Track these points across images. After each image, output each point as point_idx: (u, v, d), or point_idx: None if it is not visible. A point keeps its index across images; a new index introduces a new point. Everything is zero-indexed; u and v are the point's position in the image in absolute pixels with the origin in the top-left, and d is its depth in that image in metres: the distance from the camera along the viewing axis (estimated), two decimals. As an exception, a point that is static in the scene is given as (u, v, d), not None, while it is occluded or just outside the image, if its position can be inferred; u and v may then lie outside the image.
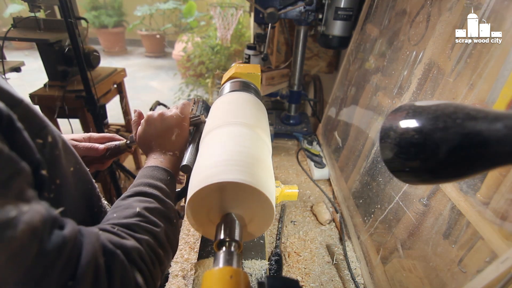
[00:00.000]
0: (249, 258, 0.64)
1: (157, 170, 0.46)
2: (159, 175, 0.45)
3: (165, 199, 0.42)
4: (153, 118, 0.52)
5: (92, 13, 4.95)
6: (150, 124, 0.52)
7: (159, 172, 0.46)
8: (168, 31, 5.17)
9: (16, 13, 3.70)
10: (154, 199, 0.40)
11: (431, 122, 0.22)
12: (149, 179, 0.44)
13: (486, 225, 0.40)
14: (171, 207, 0.42)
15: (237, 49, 3.38)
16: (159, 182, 0.44)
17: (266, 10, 0.98)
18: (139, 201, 0.39)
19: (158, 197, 0.41)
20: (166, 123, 0.52)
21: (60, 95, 1.53)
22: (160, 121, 0.52)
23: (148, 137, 0.52)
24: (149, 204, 0.39)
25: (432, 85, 0.58)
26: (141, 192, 0.41)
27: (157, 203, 0.40)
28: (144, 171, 0.46)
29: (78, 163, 0.39)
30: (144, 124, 0.53)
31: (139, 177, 0.45)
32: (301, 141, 1.14)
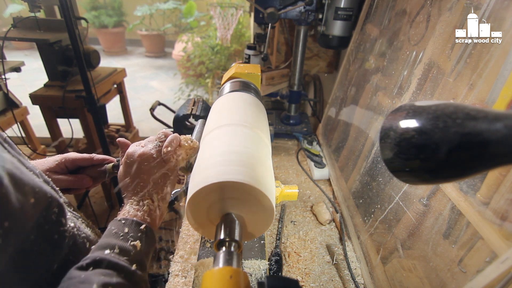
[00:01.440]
0: (249, 258, 0.64)
1: (129, 225, 0.39)
2: (130, 233, 0.38)
3: (132, 271, 0.35)
4: (132, 159, 0.45)
5: (92, 13, 4.95)
6: (128, 164, 0.45)
7: (131, 228, 0.39)
8: (168, 31, 5.17)
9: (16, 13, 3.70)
10: (118, 271, 0.34)
11: (431, 122, 0.22)
12: (118, 239, 0.37)
13: (486, 225, 0.40)
14: (140, 280, 0.36)
15: (237, 49, 3.38)
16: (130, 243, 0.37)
17: (266, 10, 0.98)
18: (98, 274, 0.32)
19: (123, 269, 0.35)
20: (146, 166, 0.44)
21: (60, 95, 1.53)
22: (139, 163, 0.45)
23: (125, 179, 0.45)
24: (110, 279, 0.32)
25: (432, 85, 0.58)
26: (104, 260, 0.34)
27: (121, 278, 0.34)
28: (115, 226, 0.39)
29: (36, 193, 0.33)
30: (123, 163, 0.46)
31: (107, 234, 0.39)
32: (301, 141, 1.14)
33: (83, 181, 0.55)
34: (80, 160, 0.55)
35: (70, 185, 0.54)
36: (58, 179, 0.52)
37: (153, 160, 0.45)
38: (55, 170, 0.53)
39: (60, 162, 0.53)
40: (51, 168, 0.53)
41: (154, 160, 0.45)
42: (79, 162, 0.55)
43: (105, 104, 1.54)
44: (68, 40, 1.23)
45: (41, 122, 1.70)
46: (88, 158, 0.56)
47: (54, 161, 0.53)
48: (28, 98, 1.57)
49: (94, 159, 0.56)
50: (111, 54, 5.43)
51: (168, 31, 5.18)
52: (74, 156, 0.55)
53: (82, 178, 0.55)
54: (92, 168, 0.57)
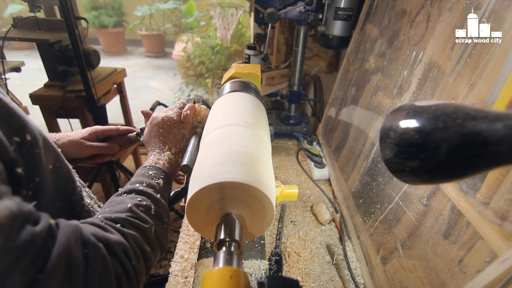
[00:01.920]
0: (249, 258, 0.64)
1: (154, 169, 0.48)
2: (154, 174, 0.47)
3: (158, 198, 0.43)
4: (156, 120, 0.55)
5: (92, 13, 4.95)
6: (153, 125, 0.55)
7: (155, 171, 0.48)
8: (168, 31, 5.17)
9: (16, 13, 3.70)
10: (147, 197, 0.42)
11: (431, 122, 0.22)
12: (145, 177, 0.46)
13: (486, 225, 0.40)
14: (163, 206, 0.44)
15: (237, 49, 3.38)
16: (154, 181, 0.46)
17: (266, 10, 0.98)
18: (132, 198, 0.41)
19: (151, 195, 0.43)
20: (168, 125, 0.55)
21: (60, 95, 1.53)
22: (162, 123, 0.55)
23: (150, 137, 0.55)
24: (141, 201, 0.41)
25: (432, 85, 0.58)
26: (135, 189, 0.42)
27: (149, 201, 0.42)
28: (142, 170, 0.48)
29: (58, 161, 0.39)
30: (148, 124, 0.56)
31: (136, 175, 0.47)
32: (301, 141, 1.14)
33: (112, 147, 0.64)
34: (108, 130, 0.64)
35: (101, 150, 0.62)
36: (91, 145, 0.61)
37: (174, 121, 0.55)
38: (88, 138, 0.61)
39: (92, 132, 0.62)
40: (84, 137, 0.61)
41: (175, 122, 0.55)
42: (108, 132, 0.64)
43: (105, 104, 1.54)
44: (68, 40, 1.23)
45: (41, 122, 1.70)
46: (115, 129, 0.65)
47: (86, 132, 0.62)
48: (28, 98, 1.57)
49: (120, 129, 0.66)
50: (111, 54, 5.43)
51: (168, 31, 5.18)
52: (102, 128, 0.64)
53: (112, 145, 0.64)
54: (118, 137, 0.66)
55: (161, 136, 0.54)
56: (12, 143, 0.30)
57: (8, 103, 0.32)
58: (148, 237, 0.39)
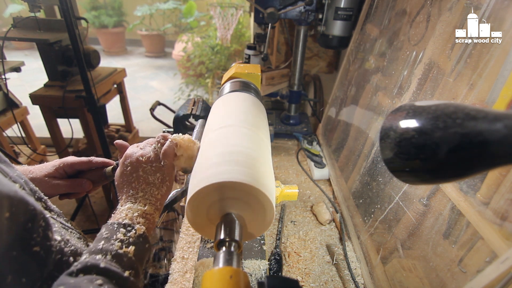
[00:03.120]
0: (249, 258, 0.64)
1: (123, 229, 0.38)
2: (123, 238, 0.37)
3: (125, 277, 0.34)
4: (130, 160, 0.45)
5: (92, 13, 4.95)
6: (126, 166, 0.45)
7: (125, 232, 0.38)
8: (168, 31, 5.17)
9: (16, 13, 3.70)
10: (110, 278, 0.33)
11: (431, 122, 0.22)
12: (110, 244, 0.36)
13: (486, 225, 0.40)
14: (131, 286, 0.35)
15: (237, 49, 3.38)
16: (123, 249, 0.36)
17: (266, 10, 0.98)
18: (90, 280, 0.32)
19: (115, 275, 0.33)
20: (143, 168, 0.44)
21: (60, 95, 1.53)
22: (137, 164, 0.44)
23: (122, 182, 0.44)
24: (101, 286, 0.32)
25: (432, 85, 0.58)
26: (95, 266, 0.33)
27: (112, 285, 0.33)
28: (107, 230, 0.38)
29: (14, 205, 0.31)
30: (121, 164, 0.46)
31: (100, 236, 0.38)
32: (301, 141, 1.14)
33: (82, 185, 0.54)
34: (78, 164, 0.55)
35: (69, 189, 0.53)
36: (57, 184, 0.52)
37: (150, 163, 0.44)
38: (53, 175, 0.53)
39: (59, 167, 0.53)
40: (49, 174, 0.52)
41: (151, 163, 0.44)
42: (78, 166, 0.55)
43: (105, 104, 1.54)
44: (68, 40, 1.23)
45: (41, 122, 1.70)
46: (86, 161, 0.55)
47: (53, 166, 0.53)
48: (28, 98, 1.57)
49: (92, 162, 0.56)
50: (111, 54, 5.43)
51: (168, 31, 5.18)
52: (72, 160, 0.54)
53: (82, 182, 0.54)
54: (91, 172, 0.56)
55: (135, 181, 0.43)
56: None
57: None
58: None
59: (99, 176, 0.56)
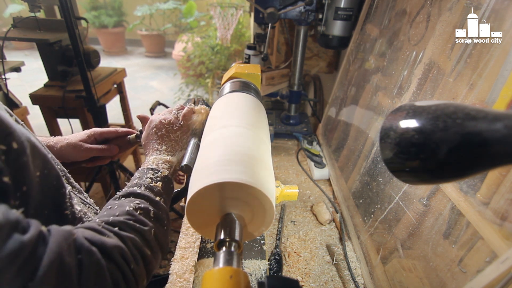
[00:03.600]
0: (249, 258, 0.64)
1: (152, 172, 0.47)
2: (153, 177, 0.46)
3: (156, 200, 0.43)
4: (154, 123, 0.54)
5: (92, 13, 4.95)
6: (151, 128, 0.54)
7: (153, 174, 0.47)
8: (168, 31, 5.17)
9: (16, 13, 3.70)
10: (146, 199, 0.42)
11: (431, 122, 0.22)
12: (143, 180, 0.45)
13: (486, 225, 0.40)
14: (162, 208, 0.43)
15: (237, 49, 3.38)
16: (153, 183, 0.45)
17: (266, 10, 0.98)
18: (130, 201, 0.40)
19: (149, 198, 0.42)
20: (166, 128, 0.54)
21: (60, 95, 1.53)
22: (160, 126, 0.54)
23: (148, 140, 0.54)
24: (139, 204, 0.40)
25: (432, 85, 0.58)
26: (133, 192, 0.42)
27: (148, 204, 0.41)
28: (139, 173, 0.47)
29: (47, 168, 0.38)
30: (146, 127, 0.56)
31: (134, 178, 0.46)
32: (301, 141, 1.14)
33: (111, 149, 0.63)
34: (107, 132, 0.64)
35: (100, 153, 0.62)
36: (90, 148, 0.60)
37: (172, 123, 0.54)
38: (86, 141, 0.61)
39: (90, 134, 0.62)
40: (83, 140, 0.61)
41: (172, 124, 0.54)
42: (106, 134, 0.64)
43: (105, 104, 1.54)
44: (68, 40, 1.23)
45: (41, 122, 1.70)
46: (113, 131, 0.65)
47: (85, 134, 0.62)
48: (28, 98, 1.57)
49: (119, 131, 0.65)
50: (111, 54, 5.43)
51: (168, 31, 5.18)
52: (101, 130, 0.64)
53: (110, 147, 0.63)
54: (117, 139, 0.66)
55: (159, 138, 0.53)
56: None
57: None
58: (148, 240, 0.38)
59: (124, 142, 0.66)
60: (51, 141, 0.60)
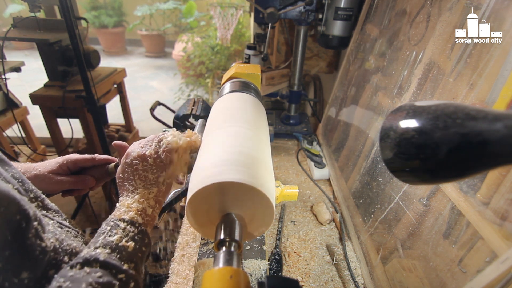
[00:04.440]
0: (249, 258, 0.64)
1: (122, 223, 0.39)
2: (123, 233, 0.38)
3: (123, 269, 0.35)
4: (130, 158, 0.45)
5: (92, 13, 4.95)
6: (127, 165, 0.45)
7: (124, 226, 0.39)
8: (168, 31, 5.17)
9: (16, 13, 3.70)
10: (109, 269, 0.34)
11: (431, 122, 0.22)
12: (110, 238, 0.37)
13: (486, 225, 0.40)
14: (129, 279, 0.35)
15: (237, 49, 3.38)
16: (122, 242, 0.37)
17: (266, 10, 0.98)
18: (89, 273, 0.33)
19: (114, 266, 0.34)
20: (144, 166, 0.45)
21: (60, 95, 1.53)
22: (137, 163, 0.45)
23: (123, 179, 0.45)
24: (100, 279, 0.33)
25: (432, 85, 0.58)
26: (95, 259, 0.34)
27: (111, 275, 0.34)
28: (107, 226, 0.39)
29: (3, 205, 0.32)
30: (122, 162, 0.47)
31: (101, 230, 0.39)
32: (301, 141, 1.14)
33: (86, 182, 0.55)
34: (82, 160, 0.55)
35: (73, 186, 0.54)
36: (61, 180, 0.53)
37: (151, 161, 0.44)
38: (57, 171, 0.53)
39: (62, 163, 0.54)
40: (53, 170, 0.53)
41: (153, 161, 0.44)
42: (81, 163, 0.55)
43: (105, 104, 1.54)
44: (68, 40, 1.23)
45: (41, 122, 1.70)
46: (90, 158, 0.56)
47: (56, 163, 0.54)
48: (28, 98, 1.57)
49: (96, 159, 0.56)
50: (111, 54, 5.43)
51: (168, 31, 5.17)
52: (76, 157, 0.55)
53: (85, 179, 0.55)
54: (94, 169, 0.57)
55: (136, 179, 0.44)
56: None
57: None
58: None
59: (102, 173, 0.57)
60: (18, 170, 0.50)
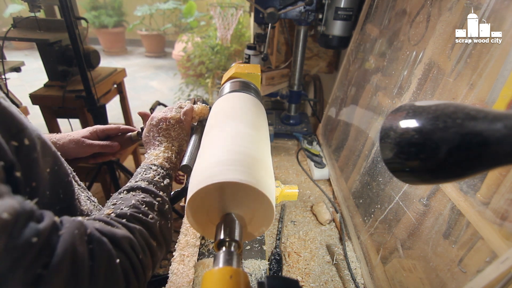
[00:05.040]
0: (249, 258, 0.64)
1: (154, 168, 0.48)
2: (155, 173, 0.48)
3: (160, 194, 0.44)
4: (155, 120, 0.55)
5: (92, 13, 4.95)
6: (152, 125, 0.55)
7: (155, 170, 0.48)
8: (168, 31, 5.17)
9: (16, 13, 3.70)
10: (149, 194, 0.43)
11: (431, 122, 0.22)
12: (145, 175, 0.46)
13: (486, 225, 0.40)
14: (165, 201, 0.44)
15: (237, 49, 3.38)
16: (155, 179, 0.46)
17: (266, 10, 0.98)
18: (134, 195, 0.42)
19: (153, 192, 0.43)
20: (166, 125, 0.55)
21: (60, 95, 1.53)
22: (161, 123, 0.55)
23: (149, 137, 0.55)
24: (144, 198, 0.41)
25: (432, 85, 0.58)
26: (137, 187, 0.43)
27: (152, 198, 0.42)
28: (142, 169, 0.48)
29: (57, 165, 0.39)
30: (147, 124, 0.56)
31: (137, 173, 0.48)
32: (301, 141, 1.14)
33: (112, 146, 0.63)
34: (109, 129, 0.65)
35: (102, 149, 0.62)
36: (92, 144, 0.61)
37: (172, 120, 0.55)
38: (88, 137, 0.62)
39: (93, 131, 0.63)
40: (85, 136, 0.62)
41: (173, 121, 0.55)
42: (108, 131, 0.65)
43: (105, 104, 1.54)
44: (68, 40, 1.23)
45: (41, 122, 1.70)
46: (115, 127, 0.66)
47: (87, 131, 0.63)
48: (28, 98, 1.57)
49: (120, 128, 0.66)
50: (111, 54, 5.43)
51: (168, 31, 5.18)
52: (103, 127, 0.65)
53: (112, 144, 0.64)
54: (119, 136, 0.67)
55: (160, 135, 0.54)
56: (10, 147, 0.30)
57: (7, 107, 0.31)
58: (154, 232, 0.39)
59: (126, 139, 0.66)
60: (53, 137, 0.61)
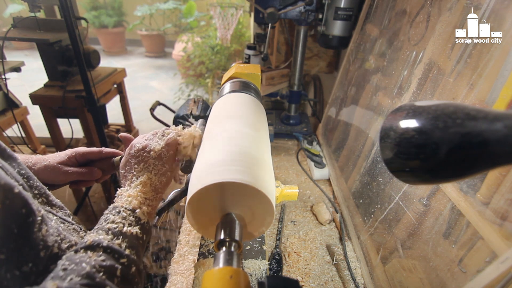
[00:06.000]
0: (249, 258, 0.64)
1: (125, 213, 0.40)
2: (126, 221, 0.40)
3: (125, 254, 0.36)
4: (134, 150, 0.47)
5: (92, 13, 4.95)
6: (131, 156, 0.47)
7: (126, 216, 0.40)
8: (168, 31, 5.17)
9: (16, 13, 3.70)
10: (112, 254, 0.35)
11: (431, 122, 0.22)
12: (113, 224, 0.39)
13: (486, 225, 0.40)
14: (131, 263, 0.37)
15: (237, 49, 3.38)
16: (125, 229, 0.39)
17: (266, 10, 0.98)
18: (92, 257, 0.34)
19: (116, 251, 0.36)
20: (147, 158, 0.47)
21: (60, 95, 1.53)
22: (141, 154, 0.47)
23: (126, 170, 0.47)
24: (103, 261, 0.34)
25: (432, 85, 0.58)
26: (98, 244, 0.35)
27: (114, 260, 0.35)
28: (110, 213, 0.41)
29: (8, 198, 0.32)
30: (126, 153, 0.49)
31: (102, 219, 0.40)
32: (301, 141, 1.14)
33: (93, 173, 0.57)
34: (89, 153, 0.58)
35: (80, 177, 0.56)
36: (68, 171, 0.55)
37: (153, 154, 0.47)
38: (66, 163, 0.56)
39: (71, 155, 0.56)
40: (62, 161, 0.55)
41: (155, 154, 0.47)
42: (89, 155, 0.58)
43: (105, 104, 1.54)
44: (68, 40, 1.23)
45: (41, 122, 1.70)
46: (97, 151, 0.58)
47: (65, 155, 0.56)
48: (28, 98, 1.57)
49: (103, 152, 0.59)
50: (111, 54, 5.43)
51: (168, 31, 5.17)
52: (84, 150, 0.57)
53: (92, 170, 0.57)
54: (101, 161, 0.59)
55: (138, 169, 0.46)
56: None
57: None
58: None
59: (108, 165, 0.59)
60: (29, 161, 0.55)
